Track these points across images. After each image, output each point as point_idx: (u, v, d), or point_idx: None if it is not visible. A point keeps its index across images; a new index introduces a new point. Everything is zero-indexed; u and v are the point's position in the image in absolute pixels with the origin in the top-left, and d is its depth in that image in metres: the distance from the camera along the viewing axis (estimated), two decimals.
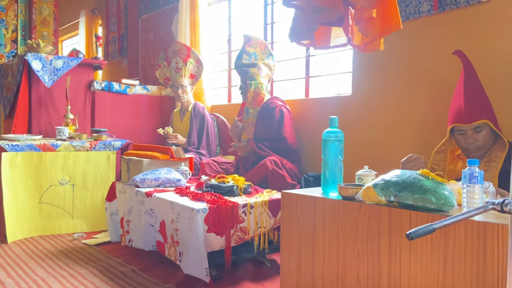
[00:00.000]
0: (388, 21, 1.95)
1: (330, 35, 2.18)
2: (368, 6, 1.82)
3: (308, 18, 1.92)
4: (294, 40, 2.15)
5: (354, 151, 2.95)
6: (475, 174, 1.39)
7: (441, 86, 2.51)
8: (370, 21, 1.86)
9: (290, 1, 1.99)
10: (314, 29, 1.95)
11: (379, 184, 1.51)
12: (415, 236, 1.03)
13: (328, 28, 2.16)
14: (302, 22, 1.97)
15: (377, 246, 1.48)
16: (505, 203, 1.00)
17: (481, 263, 1.23)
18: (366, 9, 1.83)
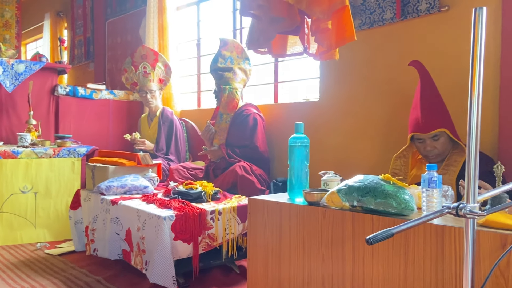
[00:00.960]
0: (343, 32, 2.00)
1: (286, 43, 2.21)
2: (324, 18, 1.86)
3: (265, 27, 1.95)
4: (251, 48, 2.17)
5: (323, 156, 2.99)
6: (434, 179, 1.43)
7: (404, 92, 2.57)
8: (326, 32, 1.90)
9: (247, 10, 2.01)
10: (271, 38, 1.98)
11: (343, 189, 1.53)
12: (374, 241, 1.04)
13: (284, 36, 2.19)
14: (259, 31, 1.99)
15: (341, 250, 1.50)
16: (460, 207, 1.03)
17: (440, 265, 1.26)
18: (322, 21, 1.87)
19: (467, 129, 1.01)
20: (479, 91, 1.02)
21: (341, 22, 1.98)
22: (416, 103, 2.18)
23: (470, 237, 1.01)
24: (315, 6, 1.83)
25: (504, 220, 1.22)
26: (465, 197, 1.03)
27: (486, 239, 1.17)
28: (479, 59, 1.03)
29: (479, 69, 1.02)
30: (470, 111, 1.02)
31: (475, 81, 1.02)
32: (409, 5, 2.51)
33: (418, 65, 2.17)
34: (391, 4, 2.58)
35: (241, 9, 2.09)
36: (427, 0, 2.43)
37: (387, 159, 2.33)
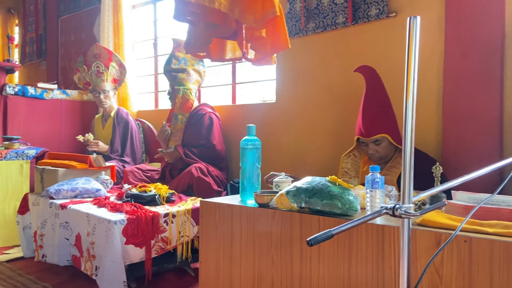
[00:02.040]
0: (277, 40, 2.05)
1: (225, 48, 2.22)
2: (257, 26, 1.88)
3: (201, 33, 1.95)
4: (189, 52, 2.17)
5: (280, 157, 3.02)
6: (377, 180, 1.48)
7: (356, 94, 2.64)
8: (260, 40, 1.93)
9: (182, 16, 2.00)
10: (208, 43, 1.98)
11: (291, 191, 1.56)
12: (315, 242, 1.07)
13: (223, 41, 2.20)
14: (195, 35, 1.99)
15: (290, 251, 1.53)
16: (396, 208, 1.07)
17: (380, 263, 1.31)
18: (256, 29, 1.89)
19: (403, 132, 1.05)
20: (413, 96, 1.07)
21: (276, 31, 2.02)
22: (361, 108, 2.25)
23: (405, 236, 1.05)
24: (248, 15, 1.85)
25: (439, 219, 1.28)
26: (401, 198, 1.08)
27: (422, 237, 1.23)
28: (413, 65, 1.07)
29: (413, 75, 1.07)
30: (406, 115, 1.07)
31: (409, 86, 1.07)
32: (360, 10, 2.59)
33: (365, 70, 2.23)
34: (343, 9, 2.65)
35: (174, 14, 2.07)
36: (377, 6, 2.51)
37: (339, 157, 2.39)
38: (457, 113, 2.22)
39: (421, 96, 2.39)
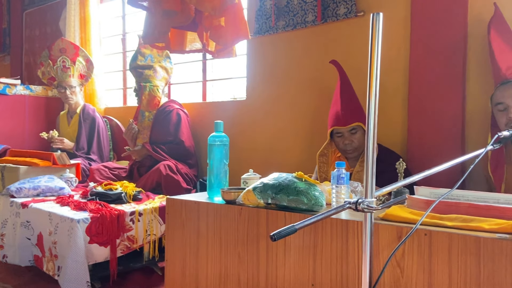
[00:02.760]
0: (237, 30, 2.03)
1: (185, 39, 2.19)
2: (215, 14, 1.86)
3: (158, 21, 1.91)
4: (147, 42, 2.12)
5: (251, 155, 3.01)
6: (342, 176, 1.49)
7: (326, 92, 2.67)
8: (219, 29, 1.92)
9: (137, 1, 1.95)
10: (166, 33, 1.95)
11: (258, 187, 1.55)
12: (278, 237, 1.06)
13: (183, 32, 2.16)
14: (153, 24, 1.95)
15: (256, 248, 1.52)
16: (359, 202, 1.08)
17: (344, 257, 1.32)
18: (214, 17, 1.88)
19: (366, 128, 1.06)
20: (376, 92, 1.07)
21: (235, 20, 2.00)
22: (336, 98, 2.27)
23: (368, 230, 1.06)
24: (206, 2, 1.82)
25: (401, 213, 1.31)
26: (364, 192, 1.09)
27: (385, 231, 1.24)
28: (376, 61, 1.08)
29: (376, 71, 1.07)
30: (368, 111, 1.07)
31: (372, 82, 1.07)
32: (329, 9, 2.61)
33: (337, 64, 2.27)
34: (313, 8, 2.67)
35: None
36: (345, 5, 2.54)
37: (312, 157, 2.41)
38: (421, 111, 2.27)
39: (388, 94, 2.44)
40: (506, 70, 1.78)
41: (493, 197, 1.31)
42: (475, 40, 2.15)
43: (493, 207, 1.22)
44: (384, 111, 2.45)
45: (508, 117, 1.72)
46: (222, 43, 1.92)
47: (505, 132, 1.48)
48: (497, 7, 1.97)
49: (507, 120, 1.72)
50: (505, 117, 1.73)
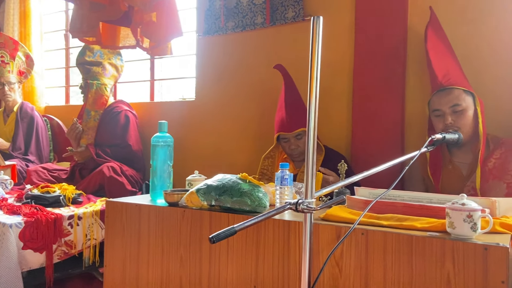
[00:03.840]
0: (170, 27, 2.00)
1: (117, 34, 2.13)
2: (146, 9, 1.81)
3: (86, 14, 1.85)
4: (75, 36, 2.04)
5: (199, 156, 2.97)
6: (286, 177, 1.50)
7: (274, 94, 2.69)
8: (151, 25, 1.88)
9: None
10: (95, 27, 1.89)
11: (202, 189, 1.53)
12: (217, 239, 1.05)
13: (115, 27, 2.09)
14: (81, 17, 1.89)
15: (199, 250, 1.49)
16: (299, 203, 1.09)
17: (286, 258, 1.33)
18: (145, 12, 1.84)
19: (307, 130, 1.06)
20: (316, 96, 1.08)
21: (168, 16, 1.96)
22: (281, 104, 2.30)
23: (307, 231, 1.07)
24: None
25: (341, 213, 1.33)
26: (304, 192, 1.09)
27: (325, 231, 1.26)
28: (316, 64, 1.09)
29: (316, 74, 1.08)
30: (309, 114, 1.08)
31: (313, 86, 1.08)
32: (277, 12, 2.63)
33: (281, 68, 2.29)
34: (262, 10, 2.68)
35: None
36: (293, 9, 2.57)
37: (259, 159, 2.41)
38: (364, 114, 2.34)
39: (334, 97, 2.50)
40: (442, 78, 1.86)
41: (427, 197, 1.38)
42: (414, 46, 2.24)
43: (425, 207, 1.28)
44: (330, 114, 2.51)
45: (444, 124, 1.80)
46: (155, 39, 1.88)
47: (438, 135, 1.56)
48: (433, 11, 2.04)
49: (444, 126, 1.80)
50: (442, 123, 1.81)
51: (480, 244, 1.03)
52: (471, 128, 1.79)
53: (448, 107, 1.79)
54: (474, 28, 2.10)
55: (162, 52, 2.12)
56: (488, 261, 1.02)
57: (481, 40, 2.09)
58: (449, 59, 1.94)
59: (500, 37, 2.05)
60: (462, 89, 1.80)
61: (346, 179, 1.26)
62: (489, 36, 2.07)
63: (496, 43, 2.06)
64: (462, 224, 1.07)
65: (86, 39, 2.03)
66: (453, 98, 1.79)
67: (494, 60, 2.06)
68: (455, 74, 1.87)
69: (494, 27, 2.06)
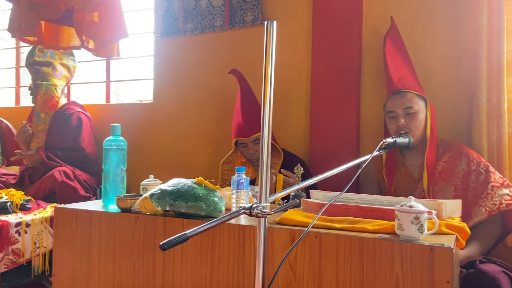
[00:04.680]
0: (114, 28, 1.96)
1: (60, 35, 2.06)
2: (86, 9, 1.77)
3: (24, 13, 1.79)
4: (14, 36, 1.96)
5: (157, 160, 2.91)
6: (242, 181, 1.50)
7: (233, 98, 2.68)
8: (93, 26, 1.84)
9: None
10: (34, 26, 1.82)
11: (156, 194, 1.49)
12: (168, 246, 1.02)
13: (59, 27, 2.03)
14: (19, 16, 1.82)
15: (152, 257, 1.46)
16: (253, 207, 1.08)
17: (241, 263, 1.32)
18: (86, 12, 1.80)
19: (261, 134, 1.06)
20: (270, 100, 1.08)
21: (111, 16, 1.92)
22: (238, 109, 2.29)
23: (261, 235, 1.07)
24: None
25: (295, 217, 1.34)
26: (259, 197, 1.09)
27: (279, 235, 1.26)
28: (270, 69, 1.09)
29: (270, 78, 1.08)
30: (263, 118, 1.08)
31: (267, 90, 1.08)
32: (236, 15, 2.63)
33: (236, 73, 2.29)
34: (221, 12, 2.67)
35: None
36: (252, 12, 2.58)
37: (218, 163, 2.39)
38: (322, 117, 2.38)
39: (292, 101, 2.52)
40: (398, 82, 1.92)
41: (378, 200, 1.41)
42: (369, 53, 2.31)
43: (377, 209, 1.31)
44: (289, 117, 2.53)
45: (397, 125, 1.86)
46: (99, 40, 1.82)
47: (389, 139, 1.60)
48: (393, 21, 2.12)
49: (397, 127, 1.86)
50: (395, 125, 1.87)
51: (426, 245, 1.07)
52: (422, 131, 1.86)
53: (401, 109, 1.85)
54: (424, 36, 2.18)
55: (109, 54, 2.06)
56: (434, 262, 1.05)
57: (431, 48, 2.17)
58: (404, 65, 2.01)
59: (448, 46, 2.15)
60: (415, 93, 1.87)
61: (302, 182, 1.27)
62: (438, 44, 2.17)
63: (444, 51, 2.15)
64: (409, 226, 1.10)
65: (27, 39, 1.93)
66: (406, 101, 1.85)
67: (443, 67, 2.15)
68: (409, 79, 1.94)
69: (442, 36, 2.15)
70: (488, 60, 1.94)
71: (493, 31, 1.92)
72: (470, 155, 1.80)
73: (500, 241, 1.80)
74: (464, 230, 1.21)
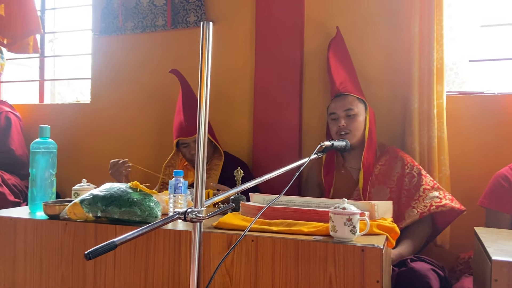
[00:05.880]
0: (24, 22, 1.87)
1: None
2: None
3: None
4: None
5: (95, 164, 2.78)
6: (180, 185, 1.46)
7: (175, 99, 2.62)
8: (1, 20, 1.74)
9: None
10: None
11: (87, 200, 1.42)
12: (94, 255, 0.96)
13: None
14: None
15: (82, 267, 1.38)
16: (188, 212, 1.05)
17: (177, 268, 1.28)
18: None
19: (197, 136, 1.03)
20: (206, 102, 1.06)
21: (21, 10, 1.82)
22: (179, 108, 2.24)
23: (197, 240, 1.04)
24: None
25: (233, 221, 1.32)
26: (194, 202, 1.06)
27: (216, 240, 1.24)
28: (206, 69, 1.07)
29: (206, 80, 1.06)
30: (199, 120, 1.05)
31: (203, 91, 1.06)
32: (179, 15, 2.58)
33: (177, 73, 2.25)
34: (163, 12, 2.61)
35: None
36: (195, 13, 2.54)
37: (161, 167, 2.32)
38: (265, 120, 2.38)
39: (235, 104, 2.51)
40: (340, 85, 1.99)
41: (315, 202, 1.43)
42: (311, 56, 2.35)
43: (313, 211, 1.32)
44: (232, 119, 2.51)
45: (338, 126, 1.91)
46: (9, 35, 1.71)
47: (326, 142, 1.63)
48: (338, 30, 2.19)
49: (337, 128, 1.91)
50: (336, 125, 1.92)
51: (358, 246, 1.09)
52: (362, 133, 1.92)
53: (342, 111, 1.91)
54: (362, 43, 2.26)
55: (23, 50, 1.94)
56: (365, 262, 1.08)
57: (368, 55, 2.25)
58: (346, 69, 2.08)
59: (384, 52, 2.23)
60: (355, 96, 1.94)
61: (241, 185, 1.26)
62: (375, 51, 2.25)
63: (380, 57, 2.24)
64: (343, 227, 1.12)
65: None
66: (347, 103, 1.91)
67: (379, 73, 2.23)
68: (350, 83, 2.01)
69: (378, 43, 2.24)
70: (419, 68, 2.03)
71: (424, 40, 2.02)
72: (404, 159, 1.88)
73: (431, 240, 1.89)
74: (394, 230, 1.26)
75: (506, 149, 1.96)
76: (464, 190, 1.96)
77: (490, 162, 1.94)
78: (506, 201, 1.65)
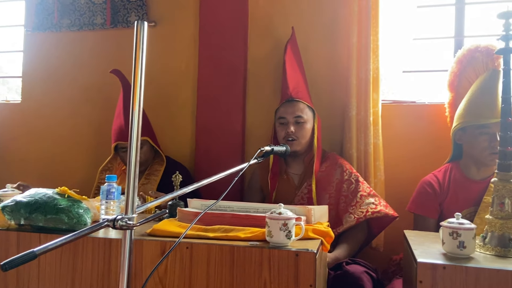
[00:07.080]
0: None
1: None
2: None
3: None
4: None
5: (26, 167, 2.61)
6: (112, 190, 1.39)
7: (114, 101, 2.51)
8: None
9: None
10: None
11: (9, 206, 1.31)
12: (11, 266, 0.88)
13: None
14: None
15: (3, 280, 1.28)
16: (117, 219, 1.00)
17: (106, 278, 1.21)
18: None
19: (129, 141, 0.99)
20: (140, 105, 1.01)
21: None
22: (120, 111, 2.16)
23: (126, 248, 0.98)
24: None
25: (168, 227, 1.28)
26: (125, 208, 1.01)
27: (149, 247, 1.19)
28: (140, 71, 1.02)
29: (140, 81, 1.02)
30: (131, 124, 1.01)
31: (136, 94, 1.01)
32: (119, 15, 2.49)
33: (119, 74, 2.16)
34: (102, 10, 2.50)
35: None
36: (136, 13, 2.47)
37: (97, 171, 2.22)
38: (208, 123, 2.35)
39: (178, 107, 2.46)
40: (293, 90, 1.98)
41: (254, 207, 1.42)
42: (254, 59, 2.34)
43: (251, 216, 1.31)
44: (174, 123, 2.45)
45: (286, 131, 1.91)
46: None
47: (266, 147, 1.63)
48: (293, 31, 2.17)
49: (285, 133, 1.91)
50: (284, 130, 1.92)
51: (292, 251, 1.10)
52: (308, 141, 1.94)
53: (292, 117, 1.92)
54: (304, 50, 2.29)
55: None
56: (299, 266, 1.08)
57: (310, 62, 2.28)
58: (300, 75, 2.09)
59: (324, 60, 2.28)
60: (306, 104, 1.95)
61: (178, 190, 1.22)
62: (316, 58, 2.28)
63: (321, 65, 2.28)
64: (278, 232, 1.12)
65: None
66: (298, 110, 1.92)
67: (320, 81, 2.27)
68: (303, 89, 2.02)
69: (319, 51, 2.28)
70: (357, 76, 2.10)
71: (362, 50, 2.09)
72: (344, 166, 1.93)
73: (366, 244, 1.95)
74: (329, 234, 1.28)
75: (434, 156, 2.06)
76: (397, 195, 2.04)
77: (421, 168, 2.04)
78: (430, 207, 1.74)
